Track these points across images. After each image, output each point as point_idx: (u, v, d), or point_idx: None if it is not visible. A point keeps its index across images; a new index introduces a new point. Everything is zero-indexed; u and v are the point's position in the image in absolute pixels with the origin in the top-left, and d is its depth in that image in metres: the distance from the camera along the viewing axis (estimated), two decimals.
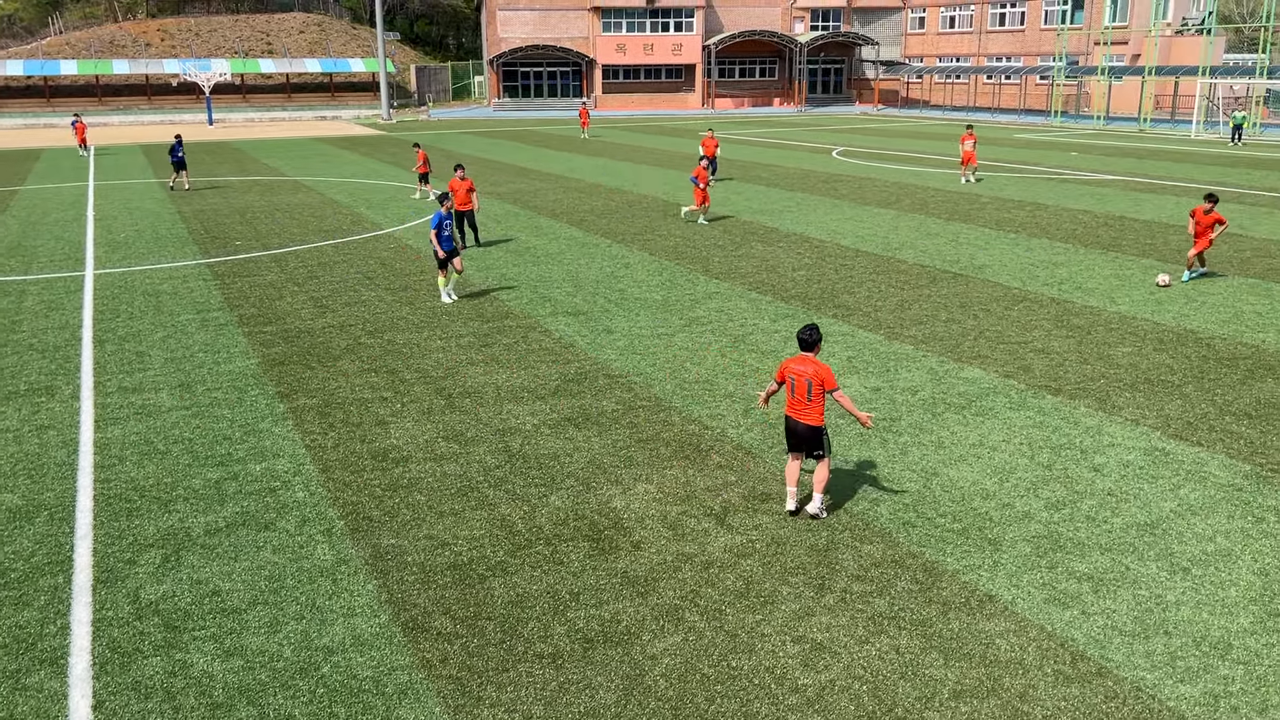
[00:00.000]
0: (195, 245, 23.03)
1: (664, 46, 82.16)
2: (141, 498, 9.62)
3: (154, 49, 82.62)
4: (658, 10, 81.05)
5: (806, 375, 8.71)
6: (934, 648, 7.07)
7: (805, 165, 38.95)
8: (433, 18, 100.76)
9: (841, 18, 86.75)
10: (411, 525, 9.01)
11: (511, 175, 36.56)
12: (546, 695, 6.61)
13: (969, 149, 32.34)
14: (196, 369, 13.59)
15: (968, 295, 17.33)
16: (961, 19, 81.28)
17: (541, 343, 14.72)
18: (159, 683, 6.78)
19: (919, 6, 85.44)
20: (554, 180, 34.88)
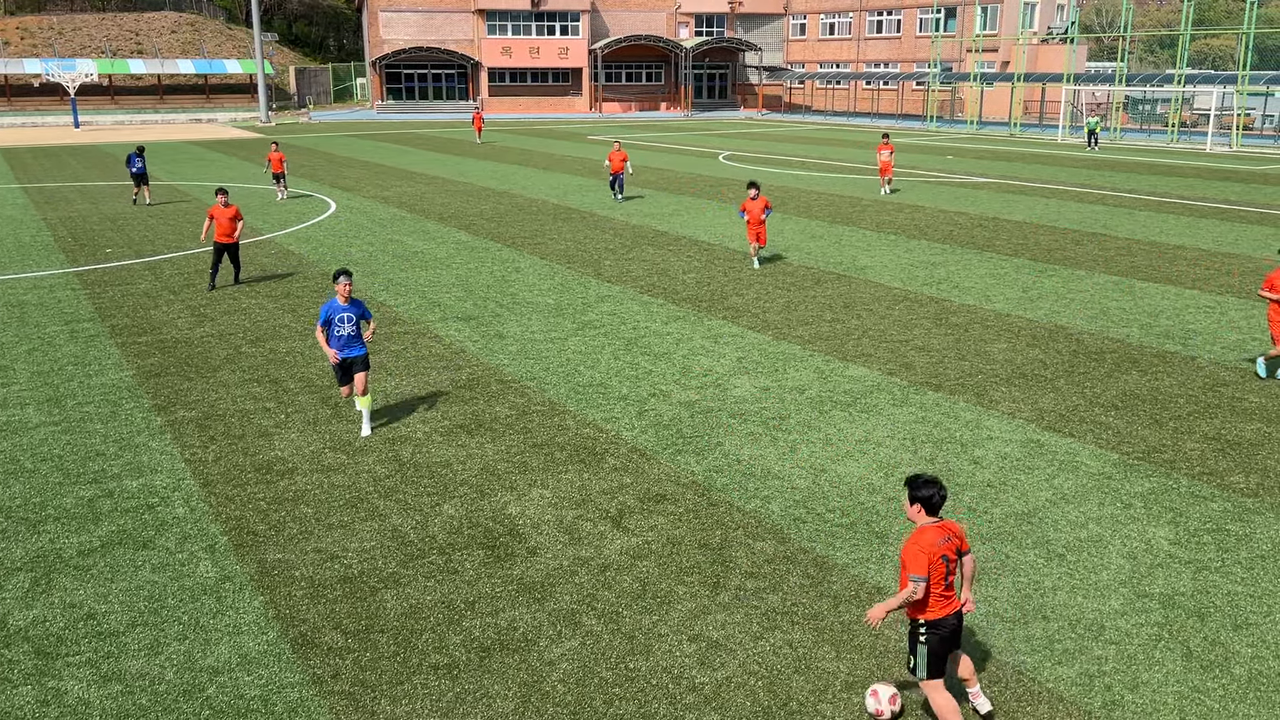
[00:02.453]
0: (62, 253, 21.94)
1: (550, 50, 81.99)
2: (7, 519, 9.11)
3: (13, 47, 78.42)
4: (543, 14, 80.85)
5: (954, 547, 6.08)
6: (826, 641, 7.23)
7: (693, 169, 39.39)
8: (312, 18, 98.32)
9: (725, 24, 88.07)
10: (299, 539, 8.77)
11: (397, 179, 35.95)
12: (443, 706, 6.52)
13: (885, 159, 31.18)
14: (66, 382, 12.95)
15: (851, 295, 17.79)
16: (841, 26, 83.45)
17: (432, 349, 14.51)
18: (30, 713, 6.43)
19: (800, 13, 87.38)
20: (441, 184, 34.44)
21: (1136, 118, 65.45)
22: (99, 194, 32.11)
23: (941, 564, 5.92)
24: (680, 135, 58.59)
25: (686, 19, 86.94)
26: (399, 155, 45.41)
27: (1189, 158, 44.63)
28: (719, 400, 12.29)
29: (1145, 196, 31.08)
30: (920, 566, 5.83)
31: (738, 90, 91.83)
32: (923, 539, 5.91)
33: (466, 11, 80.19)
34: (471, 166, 40.31)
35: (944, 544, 5.96)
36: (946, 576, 5.97)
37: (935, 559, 5.89)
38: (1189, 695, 6.60)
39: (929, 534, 5.94)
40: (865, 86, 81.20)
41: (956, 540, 6.06)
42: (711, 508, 9.35)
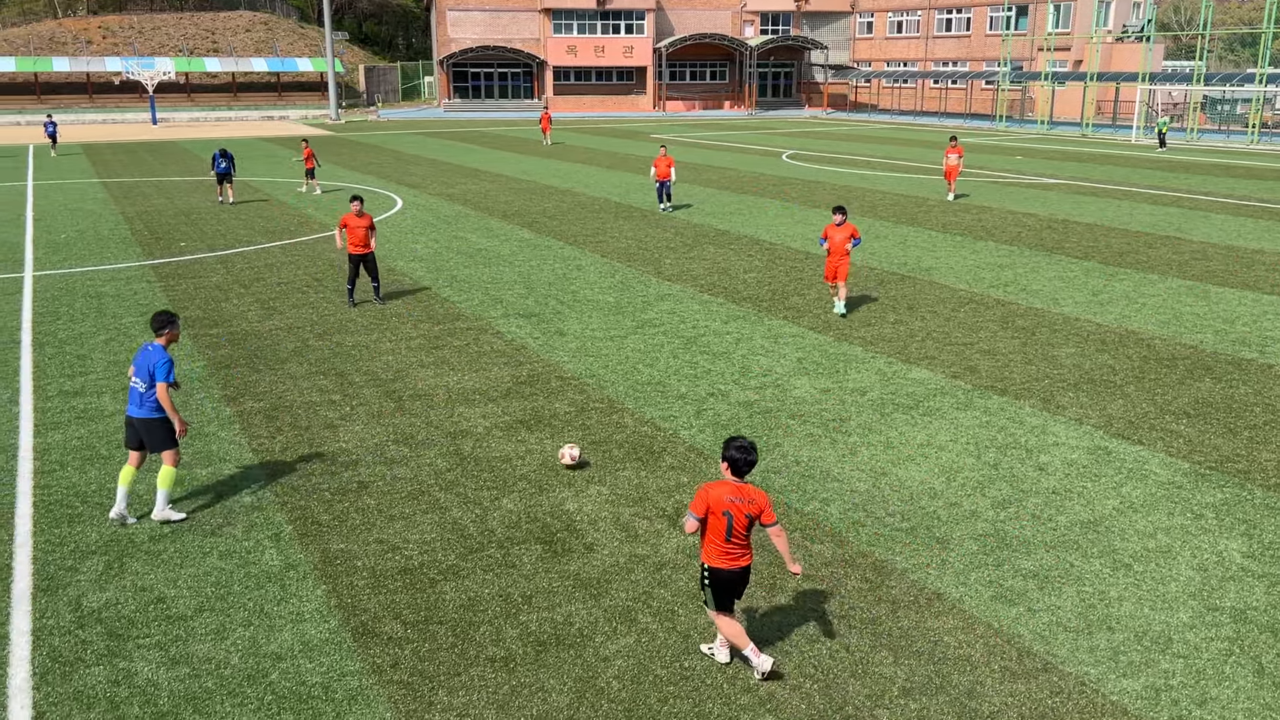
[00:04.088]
0: (139, 247, 22.59)
1: (615, 49, 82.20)
2: (83, 504, 9.41)
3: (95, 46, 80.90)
4: (609, 12, 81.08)
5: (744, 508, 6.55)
6: (883, 646, 7.16)
7: (756, 168, 39.21)
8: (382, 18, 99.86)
9: (791, 22, 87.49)
10: (361, 529, 8.92)
11: (462, 176, 36.35)
12: (499, 699, 6.59)
13: (953, 162, 29.42)
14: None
15: (915, 297, 17.56)
16: (909, 24, 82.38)
17: (493, 345, 14.65)
18: (102, 692, 6.64)
19: (867, 11, 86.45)
20: (505, 182, 34.75)
21: (1215, 118, 63.58)
22: (174, 189, 32.98)
23: (723, 518, 6.45)
24: (743, 134, 58.36)
25: (752, 17, 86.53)
26: (464, 153, 45.91)
27: (1270, 160, 43.24)
28: (778, 401, 12.23)
29: (1222, 199, 30.19)
30: (698, 507, 6.47)
31: (802, 89, 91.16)
32: (711, 489, 6.50)
33: (533, 11, 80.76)
34: (535, 165, 40.60)
35: (730, 501, 6.45)
36: (728, 532, 6.48)
37: (716, 511, 6.44)
38: (1260, 713, 6.41)
39: (719, 488, 6.50)
40: (933, 85, 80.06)
41: (750, 506, 6.49)
42: None
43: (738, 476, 6.54)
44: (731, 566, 6.61)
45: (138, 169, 39.54)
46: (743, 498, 6.49)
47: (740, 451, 6.47)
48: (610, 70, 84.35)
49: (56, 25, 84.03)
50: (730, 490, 6.48)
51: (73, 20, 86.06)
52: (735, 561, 6.60)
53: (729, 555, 6.58)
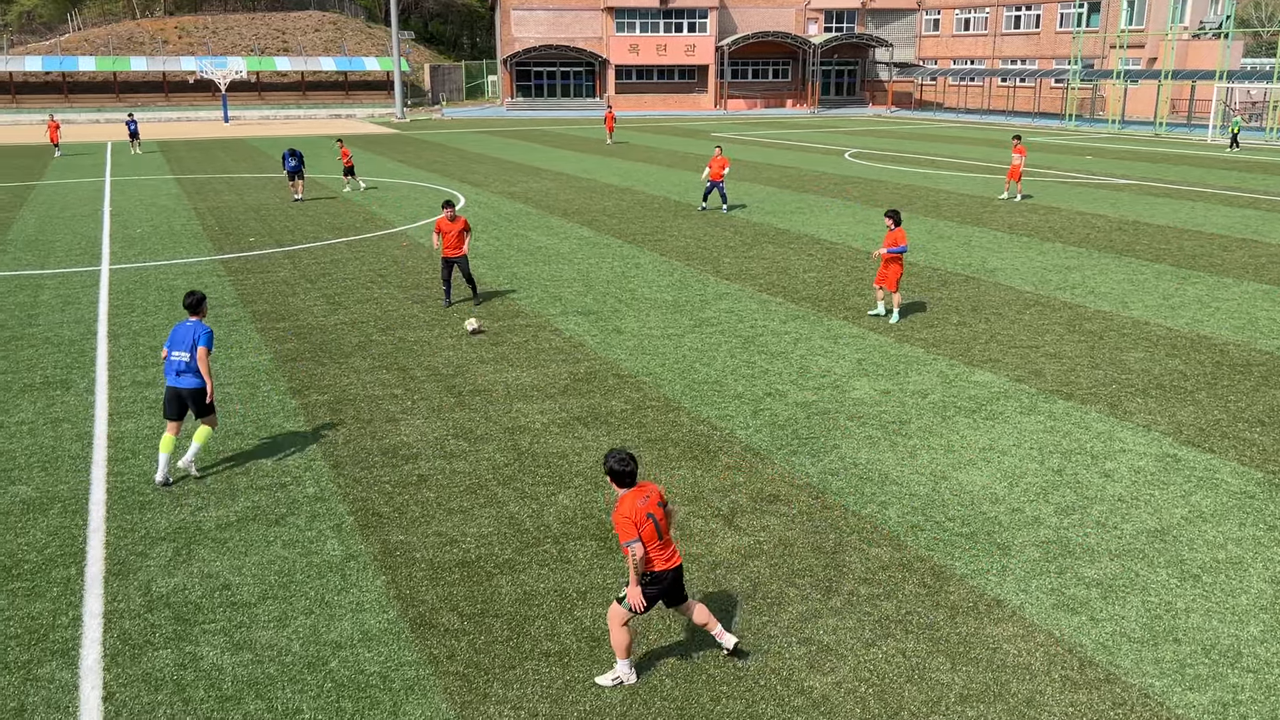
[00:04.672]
0: (210, 241, 23.14)
1: (677, 47, 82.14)
2: (154, 491, 9.67)
3: (171, 46, 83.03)
4: (671, 11, 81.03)
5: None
6: (941, 651, 7.07)
7: (817, 167, 38.91)
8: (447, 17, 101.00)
9: (855, 19, 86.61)
10: (420, 522, 9.05)
11: (524, 175, 36.62)
12: (553, 693, 6.64)
13: (1016, 162, 28.74)
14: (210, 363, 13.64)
15: (979, 299, 17.29)
16: (976, 21, 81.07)
17: (551, 342, 14.75)
18: (169, 675, 6.83)
19: (934, 8, 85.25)
20: (566, 180, 34.93)
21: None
22: (244, 185, 33.72)
23: (649, 522, 6.44)
24: (805, 132, 57.95)
25: (816, 15, 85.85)
26: (526, 152, 46.25)
27: None
28: (837, 402, 12.13)
29: None
30: (629, 532, 6.36)
31: (866, 87, 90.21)
32: (624, 506, 6.43)
33: (596, 10, 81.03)
34: (595, 163, 40.75)
35: (645, 504, 6.47)
36: (658, 533, 6.49)
37: (641, 519, 6.41)
38: None
39: (629, 500, 6.47)
40: (1000, 84, 78.68)
41: (656, 497, 6.57)
42: (826, 511, 9.24)
43: (630, 485, 6.54)
44: (669, 566, 6.62)
45: (210, 166, 40.50)
46: (649, 495, 6.56)
47: (620, 464, 6.51)
48: (672, 69, 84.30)
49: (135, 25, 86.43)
50: (638, 495, 6.51)
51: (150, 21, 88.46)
52: (671, 560, 6.64)
53: (665, 555, 6.59)
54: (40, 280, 19.04)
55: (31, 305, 17.04)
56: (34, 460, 10.42)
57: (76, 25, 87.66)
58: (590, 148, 47.77)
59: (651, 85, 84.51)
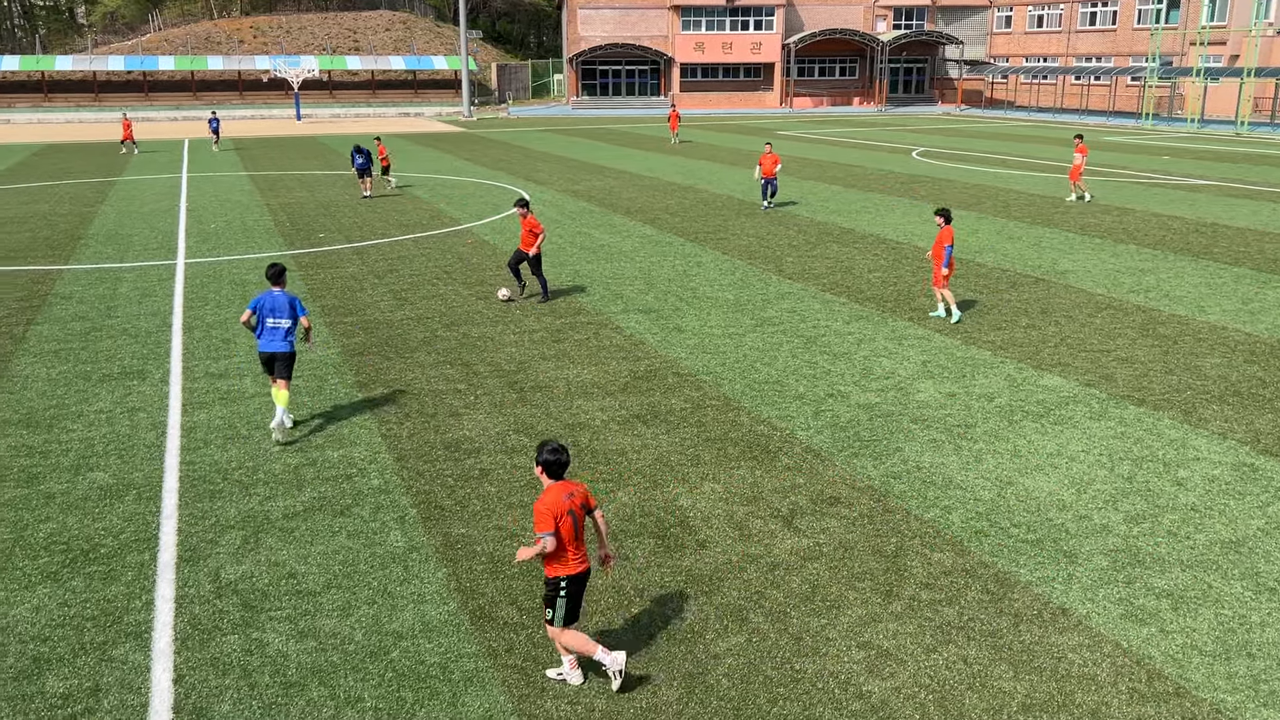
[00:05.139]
0: (281, 237, 23.65)
1: (743, 45, 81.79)
2: (224, 480, 9.93)
3: (247, 45, 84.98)
4: (738, 9, 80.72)
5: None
6: (1004, 659, 6.95)
7: (884, 166, 38.46)
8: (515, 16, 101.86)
9: (925, 16, 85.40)
10: (481, 515, 9.15)
11: (588, 173, 36.78)
12: (609, 689, 6.66)
13: (1078, 162, 28.21)
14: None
15: (1049, 301, 16.94)
16: (1050, 18, 79.40)
17: (612, 339, 14.80)
18: (236, 660, 7.00)
19: (1006, 5, 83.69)
20: (629, 179, 35.01)
21: None
22: (315, 182, 34.39)
23: (569, 519, 6.39)
24: (872, 131, 57.30)
25: (884, 12, 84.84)
26: (590, 150, 46.44)
27: None
28: (900, 404, 11.98)
29: None
30: (547, 523, 6.29)
31: (935, 85, 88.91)
32: (547, 497, 6.38)
33: (662, 8, 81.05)
34: (659, 162, 40.77)
35: (568, 500, 6.42)
36: (576, 532, 6.44)
37: (562, 514, 6.36)
38: None
39: (553, 492, 6.41)
40: (1074, 81, 76.96)
41: (580, 497, 6.49)
42: (887, 514, 9.13)
43: (557, 478, 6.49)
44: (583, 569, 6.56)
45: (282, 163, 41.36)
46: (573, 493, 6.48)
47: (553, 454, 6.45)
48: (737, 67, 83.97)
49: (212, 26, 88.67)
50: (562, 491, 6.44)
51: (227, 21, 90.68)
52: (584, 562, 6.58)
53: (579, 556, 6.53)
54: (119, 273, 19.64)
55: (110, 298, 17.58)
56: (111, 448, 10.75)
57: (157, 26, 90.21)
58: (654, 146, 47.80)
59: (716, 84, 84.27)
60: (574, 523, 6.43)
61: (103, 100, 77.36)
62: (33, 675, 6.81)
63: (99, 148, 48.95)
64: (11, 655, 7.04)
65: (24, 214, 27.50)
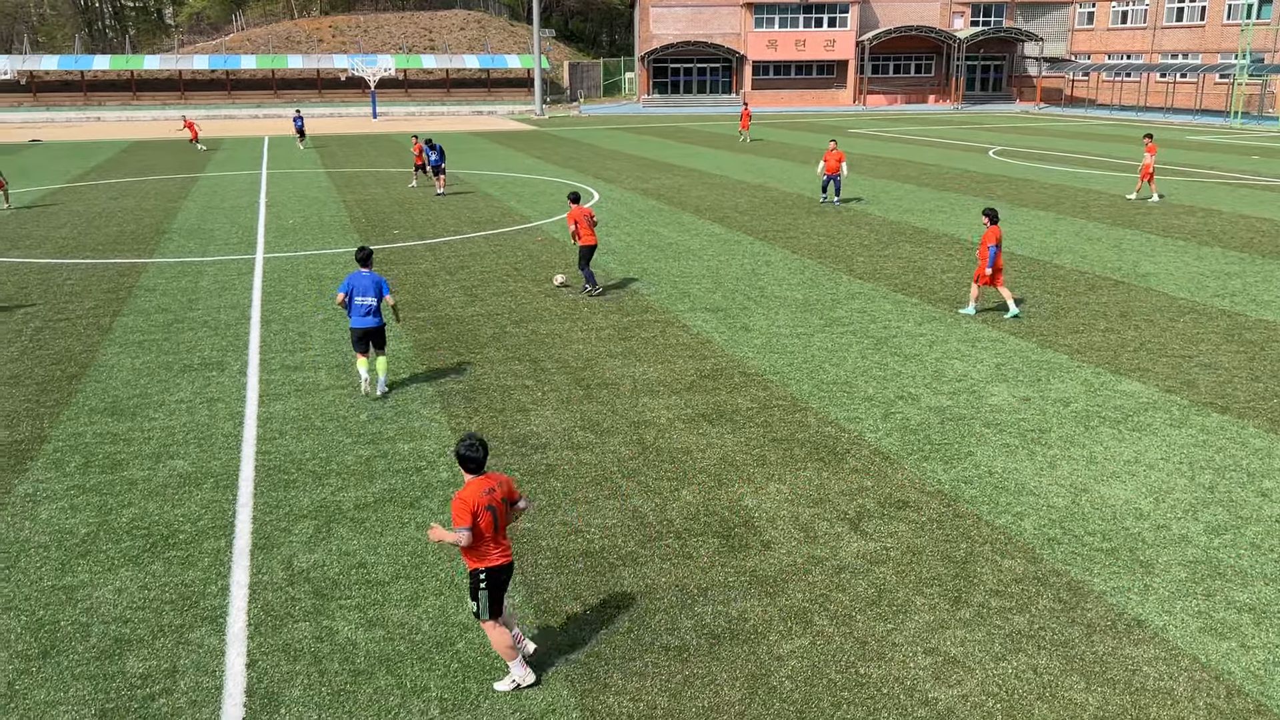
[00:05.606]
0: (356, 233, 24.09)
1: (816, 42, 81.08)
2: (298, 470, 10.15)
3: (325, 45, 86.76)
4: (811, 5, 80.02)
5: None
6: (1075, 670, 6.78)
7: (959, 165, 37.80)
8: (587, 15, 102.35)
9: (1004, 13, 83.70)
10: (547, 511, 9.22)
11: (657, 171, 36.80)
12: (672, 687, 6.66)
13: (1147, 161, 27.56)
14: (352, 351, 14.22)
15: (1129, 304, 16.49)
16: (1135, 14, 77.22)
17: (679, 338, 14.79)
18: (307, 646, 7.15)
19: (1089, 1, 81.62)
20: (699, 177, 34.94)
21: None
22: (390, 179, 34.97)
23: (488, 514, 6.38)
24: (948, 129, 56.36)
25: (962, 9, 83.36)
26: (660, 148, 46.46)
27: None
28: (972, 408, 11.77)
29: None
30: (464, 518, 6.30)
31: (1014, 82, 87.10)
32: (466, 492, 6.38)
33: (735, 5, 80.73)
34: (729, 160, 40.62)
35: (489, 494, 6.41)
36: (496, 525, 6.43)
37: (481, 509, 6.36)
38: None
39: (471, 487, 6.41)
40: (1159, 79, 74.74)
41: (503, 490, 6.51)
42: (957, 519, 8.98)
43: (476, 473, 6.46)
44: (505, 561, 6.55)
45: (358, 160, 42.14)
46: (495, 485, 6.48)
47: (469, 450, 6.42)
48: (810, 64, 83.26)
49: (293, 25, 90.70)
50: (482, 485, 6.43)
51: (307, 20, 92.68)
52: (506, 555, 6.57)
53: (501, 549, 6.53)
54: (200, 267, 20.20)
55: (192, 290, 18.10)
56: (190, 437, 11.07)
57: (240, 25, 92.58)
58: (724, 144, 47.64)
59: (788, 81, 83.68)
60: (493, 517, 6.42)
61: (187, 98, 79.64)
62: (114, 655, 7.05)
63: (183, 145, 50.40)
64: (95, 635, 7.30)
65: (112, 209, 28.45)
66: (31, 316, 16.23)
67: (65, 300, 17.36)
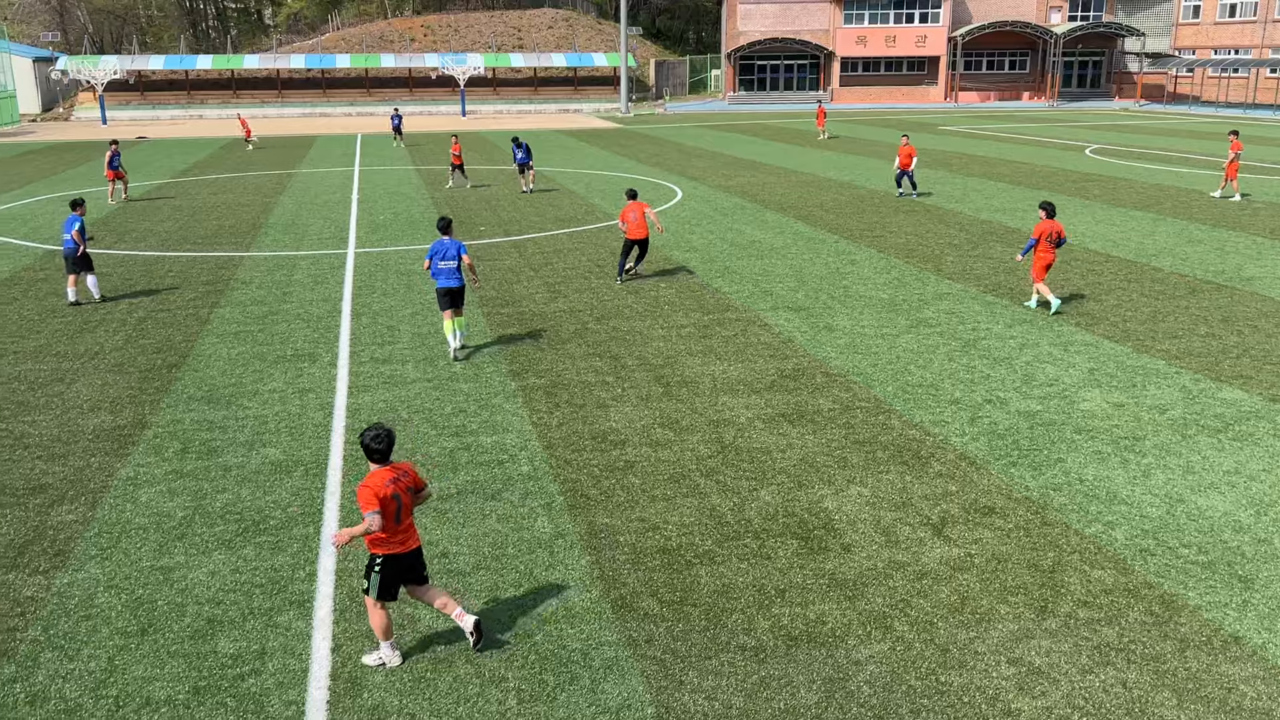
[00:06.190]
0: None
1: (908, 38, 79.71)
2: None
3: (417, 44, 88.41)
4: (903, 1, 78.72)
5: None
6: (1166, 686, 6.56)
7: (1054, 163, 36.79)
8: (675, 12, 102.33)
9: (1104, 7, 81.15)
10: (625, 506, 9.26)
11: (742, 169, 36.62)
12: (747, 688, 6.64)
13: (1231, 158, 26.98)
14: (439, 345, 14.49)
15: (1232, 309, 15.86)
16: (1244, 7, 74.11)
17: (760, 337, 14.70)
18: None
19: None
20: (784, 174, 34.67)
21: None
22: (477, 177, 35.47)
23: (393, 502, 6.60)
24: (1042, 127, 54.90)
25: (1060, 3, 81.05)
26: (745, 145, 46.22)
27: None
28: (1064, 413, 11.46)
29: None
30: (371, 503, 6.51)
31: (1113, 79, 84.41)
32: (372, 480, 6.62)
33: (824, 1, 79.87)
34: (814, 157, 40.21)
35: (394, 484, 6.65)
36: (399, 515, 6.65)
37: (386, 497, 6.57)
38: None
39: (378, 476, 6.66)
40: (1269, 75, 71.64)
41: (408, 480, 6.78)
42: (1045, 527, 8.76)
43: (381, 463, 6.71)
44: (403, 550, 6.78)
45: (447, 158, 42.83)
46: (399, 474, 6.74)
47: (374, 440, 6.68)
48: (900, 60, 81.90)
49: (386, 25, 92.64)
50: (388, 474, 6.67)
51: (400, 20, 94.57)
52: (405, 545, 6.79)
53: (399, 539, 6.75)
54: (295, 261, 20.78)
55: (286, 284, 18.63)
56: (283, 426, 11.40)
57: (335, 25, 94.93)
58: (810, 141, 47.18)
59: (877, 78, 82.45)
60: (397, 505, 6.65)
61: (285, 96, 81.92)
62: (207, 635, 7.31)
63: (279, 141, 51.89)
64: (189, 616, 7.57)
65: (212, 204, 29.45)
66: (135, 307, 16.90)
67: (167, 292, 18.03)
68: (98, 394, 12.50)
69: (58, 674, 6.87)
